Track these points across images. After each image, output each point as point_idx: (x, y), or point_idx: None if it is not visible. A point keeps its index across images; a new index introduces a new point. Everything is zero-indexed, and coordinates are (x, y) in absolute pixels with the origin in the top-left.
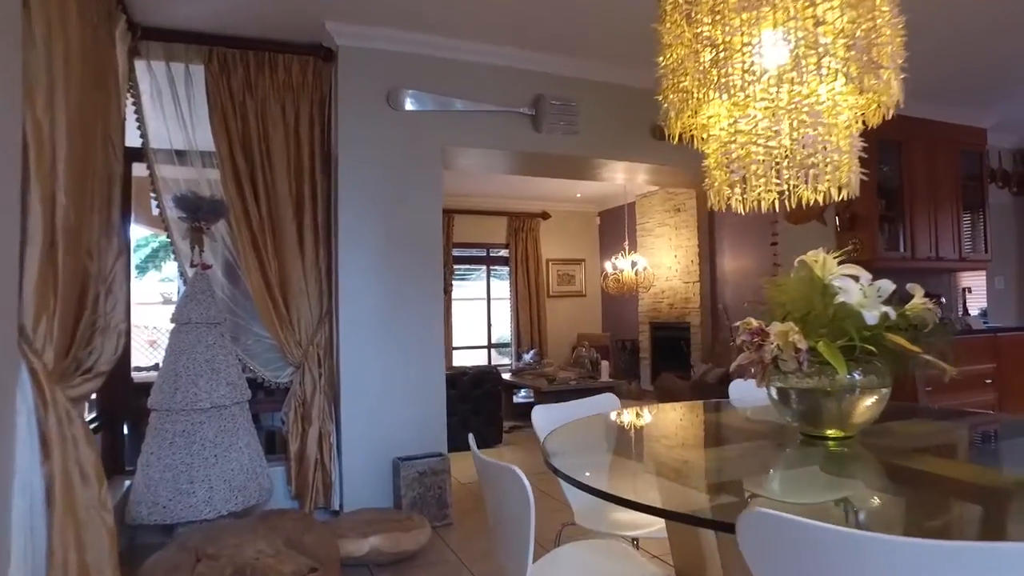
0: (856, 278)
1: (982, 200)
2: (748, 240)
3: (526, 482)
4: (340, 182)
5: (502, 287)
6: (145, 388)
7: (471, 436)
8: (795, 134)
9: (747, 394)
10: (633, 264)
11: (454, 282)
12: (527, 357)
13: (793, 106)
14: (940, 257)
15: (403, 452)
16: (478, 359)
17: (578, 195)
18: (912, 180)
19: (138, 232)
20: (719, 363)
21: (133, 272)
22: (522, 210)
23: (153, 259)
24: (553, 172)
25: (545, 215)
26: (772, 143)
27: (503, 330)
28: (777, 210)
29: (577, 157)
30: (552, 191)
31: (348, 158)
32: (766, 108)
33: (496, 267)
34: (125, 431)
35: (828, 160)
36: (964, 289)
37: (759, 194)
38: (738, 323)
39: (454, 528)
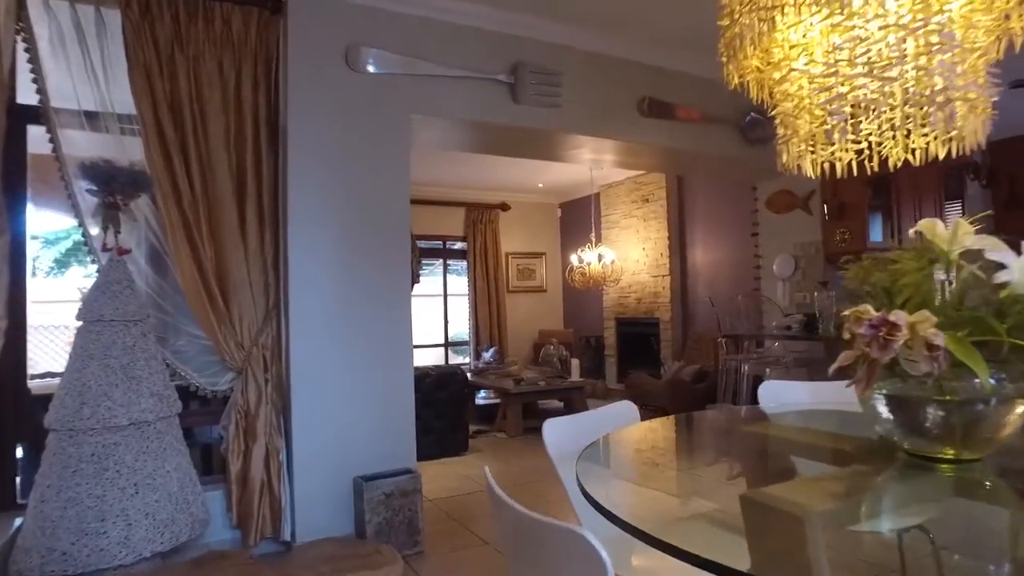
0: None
1: (962, 190)
2: (723, 231)
3: (603, 555)
4: (290, 155)
5: (459, 283)
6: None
7: (488, 473)
8: (922, 59)
9: (780, 397)
10: (600, 257)
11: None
12: (487, 355)
13: (921, 23)
14: None
15: (366, 470)
16: (434, 359)
17: (540, 185)
18: (898, 167)
19: (61, 223)
20: (692, 360)
21: (45, 267)
22: (481, 201)
23: (76, 253)
24: (529, 151)
25: (505, 206)
26: (890, 73)
27: (460, 327)
28: (841, 174)
29: (557, 133)
30: (512, 181)
31: (299, 127)
32: (883, 27)
33: (453, 261)
34: (19, 455)
35: (958, 96)
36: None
37: (834, 152)
38: (847, 311)
39: (427, 558)
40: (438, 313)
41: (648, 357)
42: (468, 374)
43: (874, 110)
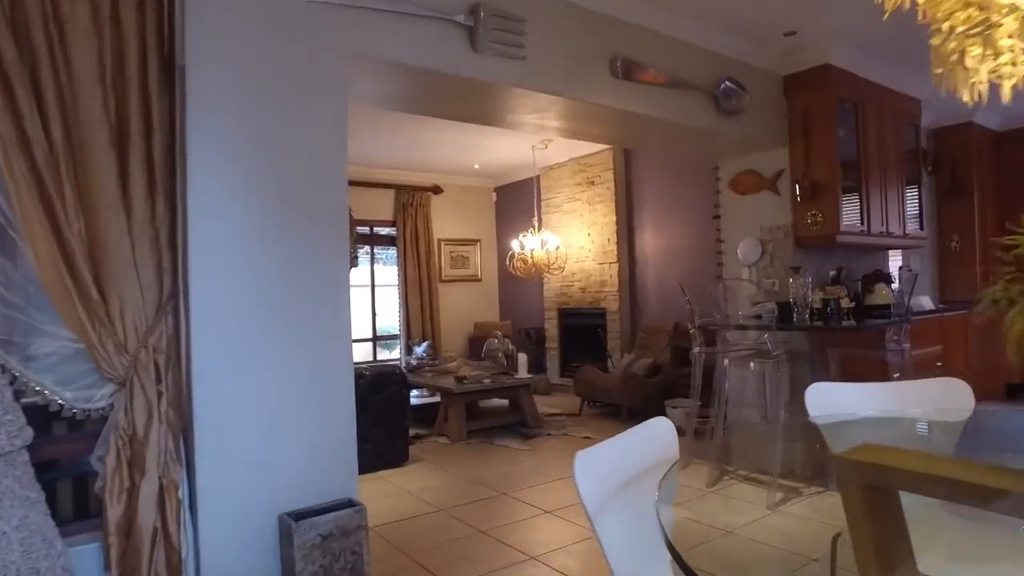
0: None
1: (919, 175)
2: (678, 215)
3: None
4: (191, 100)
5: (387, 273)
6: None
7: None
8: None
9: (833, 405)
10: (544, 243)
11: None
12: (419, 351)
13: None
14: (889, 233)
15: (296, 503)
16: (361, 355)
17: (475, 167)
18: (867, 148)
19: None
20: (642, 353)
21: None
22: (411, 183)
23: None
24: (484, 112)
25: (437, 189)
26: None
27: (388, 320)
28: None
29: (520, 92)
30: (446, 162)
31: (203, 65)
32: None
33: (380, 248)
34: None
35: None
36: (902, 268)
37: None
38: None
39: None
40: (365, 305)
41: (593, 350)
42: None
43: None
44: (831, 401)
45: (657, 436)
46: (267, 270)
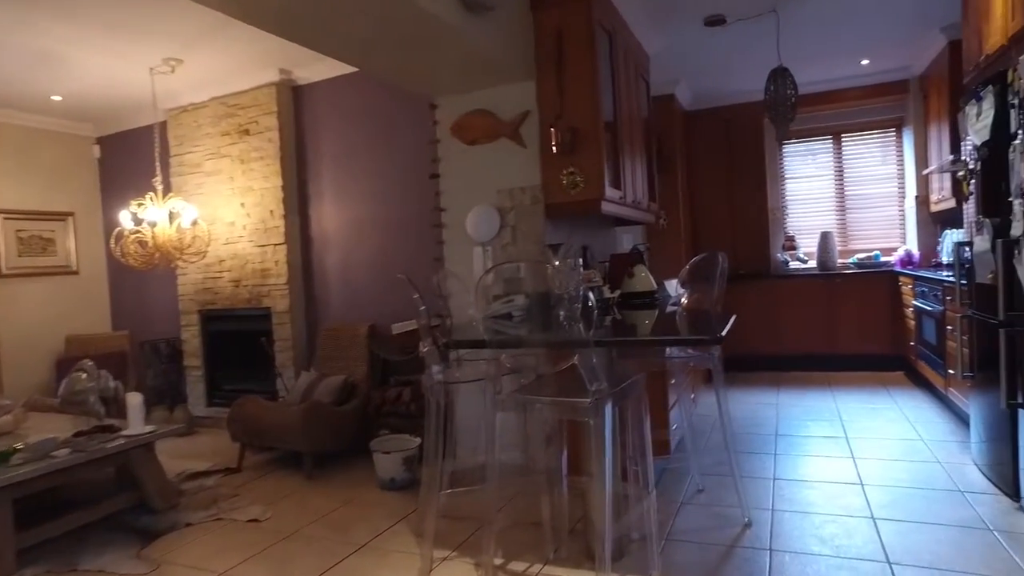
0: None
1: (650, 149)
2: (374, 175)
3: None
4: None
5: None
6: None
7: None
8: None
9: None
10: (173, 216)
11: None
12: None
13: None
14: (638, 203)
15: None
16: None
17: (56, 99)
18: (620, 94)
19: None
20: (328, 368)
21: None
22: None
23: None
24: None
25: None
26: None
27: None
28: None
29: None
30: (3, 86)
31: None
32: None
33: None
34: None
35: None
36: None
37: None
38: None
39: None
40: None
41: (255, 368)
42: None
43: None
44: None
45: None
46: None
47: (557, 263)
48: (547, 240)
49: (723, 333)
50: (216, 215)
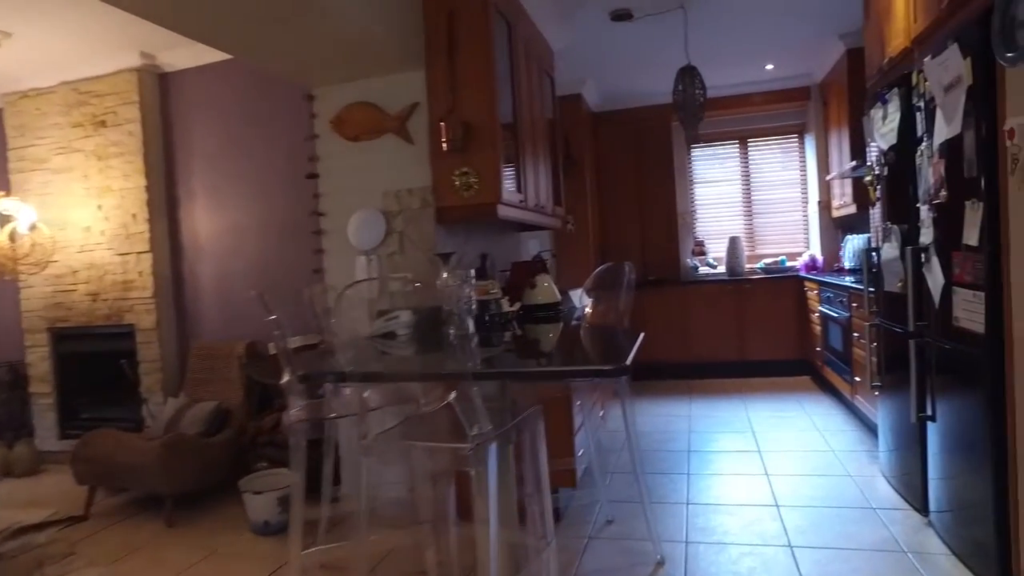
0: None
1: (556, 150)
2: (251, 175)
3: None
4: None
5: None
6: None
7: None
8: None
9: None
10: (8, 219)
11: None
12: None
13: None
14: (542, 208)
15: None
16: None
17: None
18: (520, 86)
19: None
20: (199, 392)
21: None
22: None
23: None
24: None
25: None
26: None
27: None
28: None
29: None
30: None
31: None
32: None
33: None
34: None
35: None
36: (539, 254)
37: None
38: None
39: None
40: None
41: (121, 393)
42: None
43: None
44: None
45: None
46: None
47: (445, 275)
48: (439, 248)
49: (629, 361)
50: (67, 219)
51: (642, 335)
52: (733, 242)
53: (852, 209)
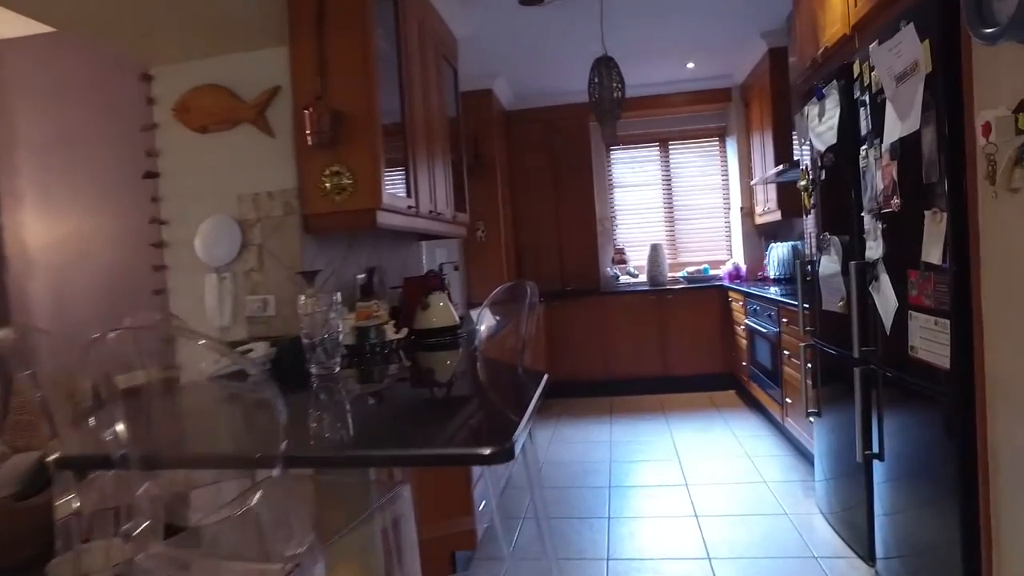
0: None
1: (460, 151)
2: (99, 173)
3: None
4: None
5: None
6: None
7: None
8: None
9: None
10: None
11: None
12: None
13: None
14: (439, 214)
15: None
16: None
17: None
18: (410, 72)
19: None
20: (20, 440)
21: None
22: None
23: None
24: None
25: None
26: None
27: None
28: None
29: None
30: None
31: None
32: None
33: None
34: None
35: None
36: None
37: None
38: None
39: None
40: None
41: None
42: None
43: None
44: None
45: None
46: None
47: (304, 298)
48: (307, 264)
49: (516, 437)
50: None
51: (545, 377)
52: (655, 250)
53: (777, 216)
